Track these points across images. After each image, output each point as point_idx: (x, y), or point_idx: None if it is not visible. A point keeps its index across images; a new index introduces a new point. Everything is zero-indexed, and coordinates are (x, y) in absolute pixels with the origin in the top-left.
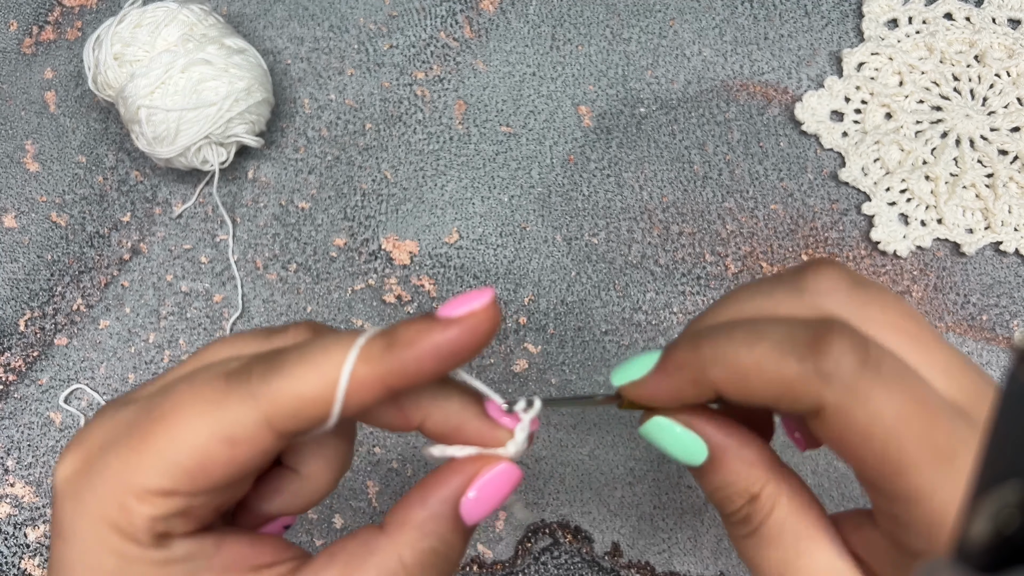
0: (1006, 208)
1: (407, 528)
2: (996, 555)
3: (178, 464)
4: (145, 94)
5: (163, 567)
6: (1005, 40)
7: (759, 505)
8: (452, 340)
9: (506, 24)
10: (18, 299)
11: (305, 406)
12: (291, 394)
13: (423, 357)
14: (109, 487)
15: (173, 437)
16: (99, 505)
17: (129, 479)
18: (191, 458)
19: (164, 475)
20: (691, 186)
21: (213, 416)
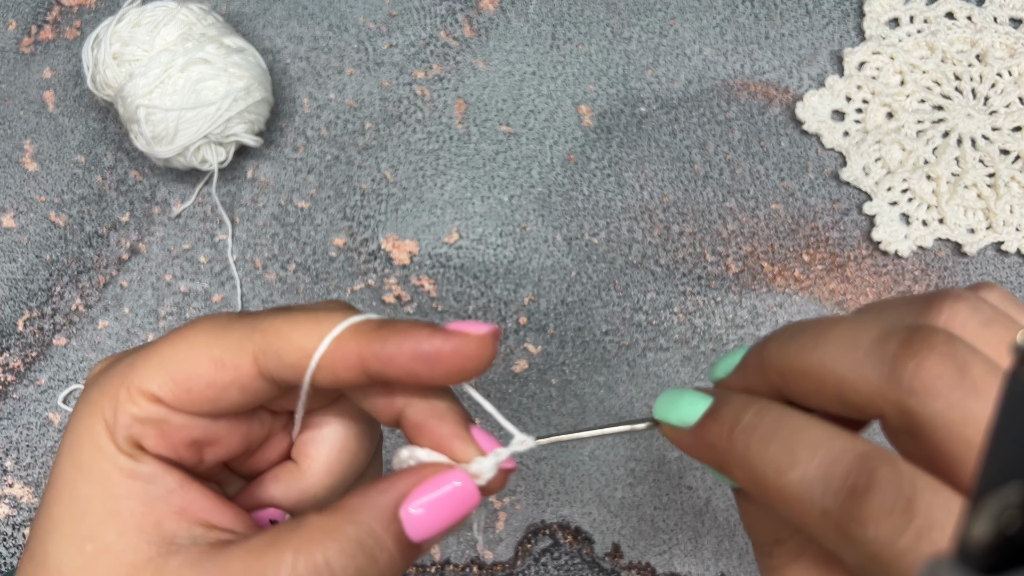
0: (1008, 208)
1: (339, 512)
2: (997, 556)
3: (168, 371)
4: (144, 93)
5: (125, 477)
6: (1007, 39)
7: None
8: (436, 347)
9: (506, 23)
10: (16, 299)
11: (289, 351)
12: (280, 336)
13: (403, 350)
14: (111, 381)
15: (175, 347)
16: (100, 397)
17: (129, 376)
18: (181, 369)
19: (154, 379)
20: (692, 186)
21: (211, 338)
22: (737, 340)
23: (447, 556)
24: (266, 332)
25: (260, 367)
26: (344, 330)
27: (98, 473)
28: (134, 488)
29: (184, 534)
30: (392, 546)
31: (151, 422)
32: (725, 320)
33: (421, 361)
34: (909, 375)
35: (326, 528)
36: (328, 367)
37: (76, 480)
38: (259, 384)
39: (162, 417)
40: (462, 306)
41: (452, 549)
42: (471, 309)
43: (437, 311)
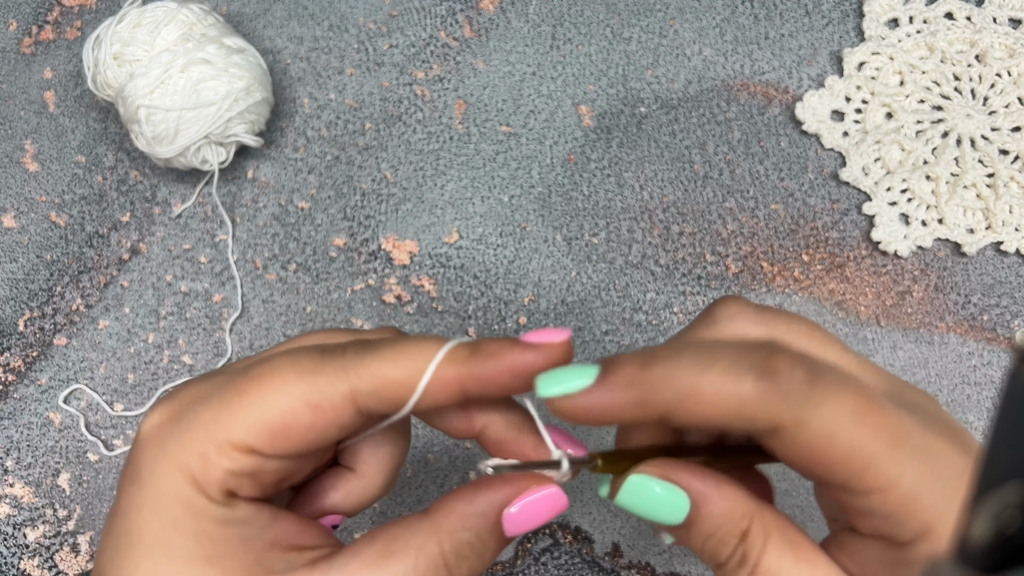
0: (1007, 208)
1: (452, 517)
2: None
3: (264, 422)
4: (144, 94)
5: (223, 525)
6: (1006, 40)
7: (751, 540)
8: (528, 361)
9: (506, 23)
10: (17, 299)
11: (389, 387)
12: (379, 374)
13: (501, 369)
14: (194, 436)
15: (264, 395)
16: (181, 453)
17: (215, 430)
18: (277, 417)
19: (249, 431)
20: (692, 186)
21: (305, 382)
22: None
23: None
24: (361, 374)
25: (358, 406)
26: (443, 359)
27: (193, 528)
28: (231, 533)
29: (280, 563)
30: (495, 546)
31: (247, 474)
32: None
33: (517, 376)
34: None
35: (440, 532)
36: (429, 395)
37: (171, 537)
38: (355, 420)
39: (259, 466)
40: (462, 306)
41: None
42: (471, 309)
43: (437, 311)
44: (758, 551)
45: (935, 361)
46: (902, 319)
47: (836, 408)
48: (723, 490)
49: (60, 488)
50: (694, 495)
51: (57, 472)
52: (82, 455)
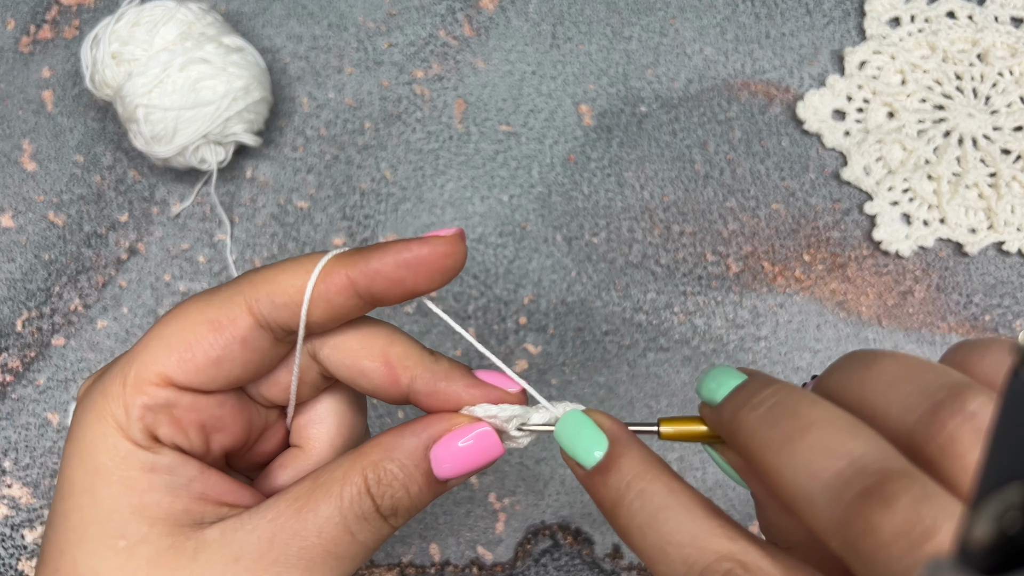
0: (1009, 208)
1: (377, 447)
2: (999, 556)
3: (168, 348)
4: (143, 93)
5: (146, 472)
6: (1008, 39)
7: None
8: (415, 252)
9: (506, 22)
10: (15, 299)
11: (279, 291)
12: (269, 281)
13: (386, 262)
14: (113, 381)
15: (167, 326)
16: (104, 400)
17: (129, 370)
18: (179, 341)
19: (156, 361)
20: (692, 185)
21: (201, 304)
22: (738, 340)
23: (447, 557)
24: (254, 282)
25: (255, 315)
26: (328, 261)
27: (117, 474)
28: (156, 481)
29: (211, 515)
30: (421, 480)
31: (162, 408)
32: (726, 320)
33: (405, 267)
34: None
35: (363, 463)
36: (322, 296)
37: (95, 485)
38: (257, 335)
39: (171, 400)
40: (462, 306)
41: (452, 550)
42: (471, 309)
43: None
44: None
45: None
46: (904, 319)
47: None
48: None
49: None
50: (612, 436)
51: (55, 473)
52: None
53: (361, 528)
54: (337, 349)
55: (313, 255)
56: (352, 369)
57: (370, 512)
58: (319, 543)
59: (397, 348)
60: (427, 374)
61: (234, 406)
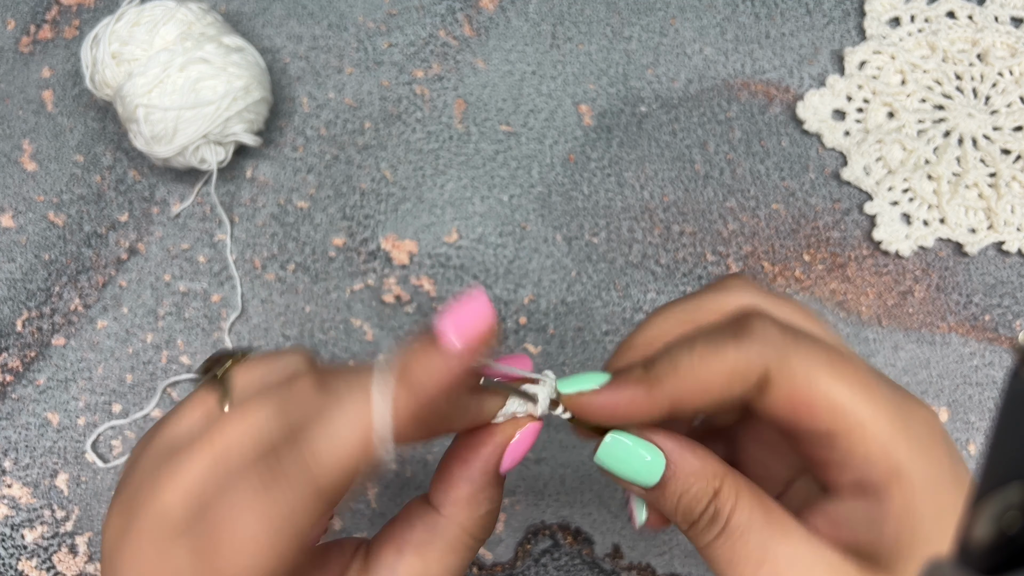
0: (1009, 208)
1: (461, 505)
2: (999, 556)
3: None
4: (143, 93)
5: None
6: (1008, 39)
7: (723, 498)
8: (458, 364)
9: (506, 22)
10: (15, 299)
11: (347, 464)
12: (331, 462)
13: (439, 388)
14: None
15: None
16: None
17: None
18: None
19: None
20: (692, 185)
21: (272, 523)
22: None
23: None
24: (316, 473)
25: (327, 500)
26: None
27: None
28: None
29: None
30: (501, 492)
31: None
32: None
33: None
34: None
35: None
36: (401, 442)
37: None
38: (333, 504)
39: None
40: None
41: None
42: None
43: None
44: (729, 508)
45: (937, 361)
46: (904, 319)
47: (812, 356)
48: (695, 450)
49: (58, 489)
50: (668, 452)
51: (55, 473)
52: (80, 456)
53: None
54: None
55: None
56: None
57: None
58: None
59: None
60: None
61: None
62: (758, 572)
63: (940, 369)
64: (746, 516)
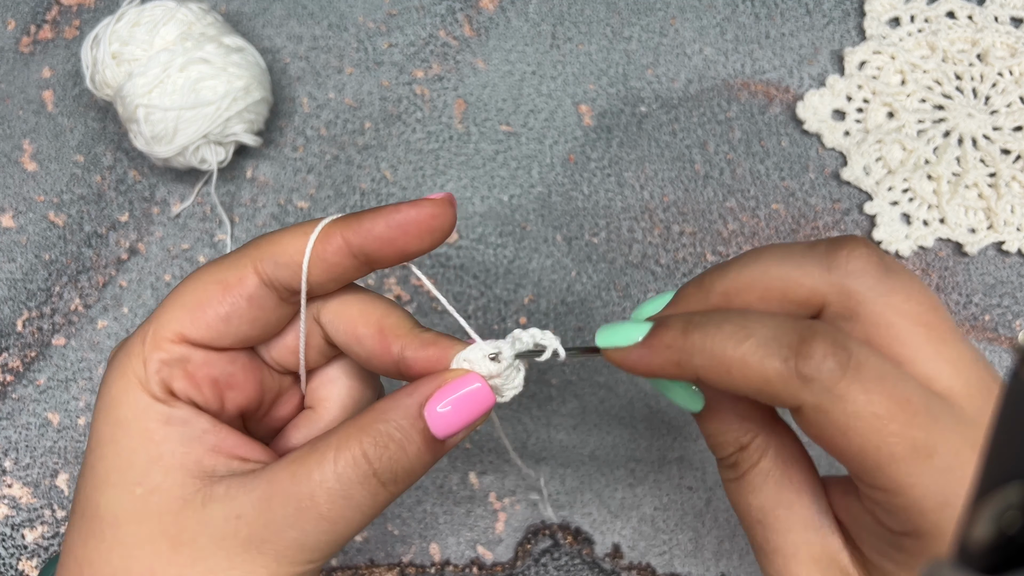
0: (1009, 208)
1: (372, 412)
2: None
3: (183, 307)
4: (143, 93)
5: (163, 424)
6: (1007, 39)
7: (746, 454)
8: (405, 214)
9: (506, 22)
10: (15, 299)
11: (282, 251)
12: (272, 243)
13: (378, 224)
14: (136, 342)
15: (182, 289)
16: (127, 359)
17: (148, 330)
18: (191, 299)
19: (172, 320)
20: (692, 185)
21: (212, 268)
22: None
23: (447, 557)
24: (259, 246)
25: (260, 275)
26: (326, 224)
27: (137, 426)
28: (171, 433)
29: (222, 467)
30: (419, 439)
31: (177, 362)
32: None
33: (396, 228)
34: (844, 261)
35: (359, 426)
36: (320, 256)
37: (117, 436)
38: (263, 293)
39: (185, 355)
40: (462, 306)
41: (452, 550)
42: (471, 309)
43: (437, 311)
44: (748, 465)
45: None
46: None
47: (860, 406)
48: (736, 405)
49: (59, 489)
50: (709, 399)
51: (55, 473)
52: (80, 456)
53: (357, 492)
54: (337, 315)
55: (313, 220)
56: (349, 335)
57: (367, 476)
58: (312, 506)
59: (391, 319)
60: (416, 342)
61: (245, 365)
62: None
63: None
64: (761, 478)
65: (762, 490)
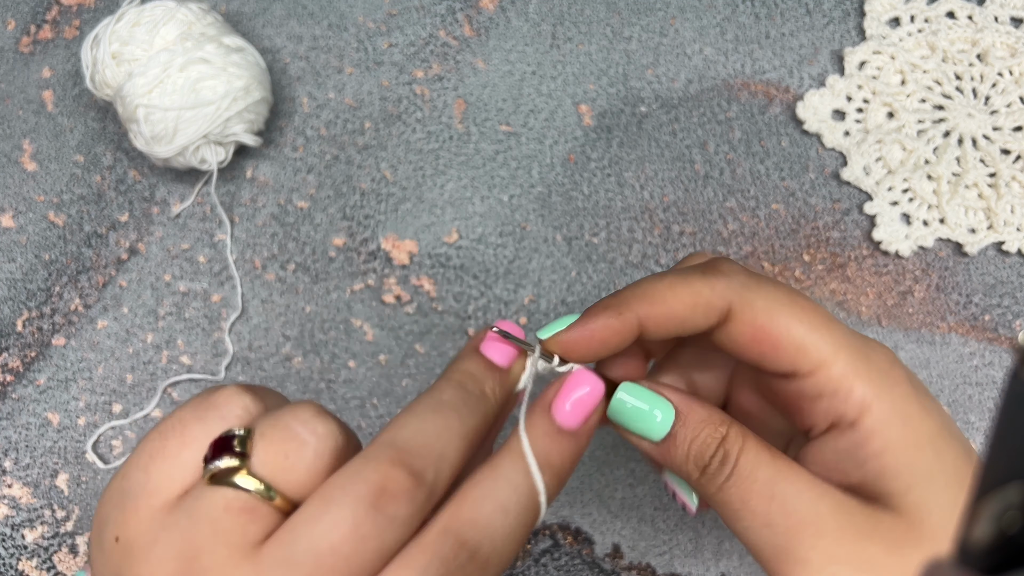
0: (1008, 208)
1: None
2: (999, 556)
3: None
4: (143, 93)
5: None
6: (1007, 39)
7: (731, 441)
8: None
9: (506, 22)
10: (15, 299)
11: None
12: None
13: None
14: None
15: None
16: None
17: None
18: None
19: None
20: (692, 185)
21: None
22: None
23: None
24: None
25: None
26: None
27: None
28: None
29: None
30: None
31: None
32: None
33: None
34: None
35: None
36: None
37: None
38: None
39: None
40: (462, 306)
41: None
42: (471, 309)
43: (437, 311)
44: (737, 451)
45: (936, 361)
46: (903, 319)
47: (774, 294)
48: (701, 401)
49: (58, 489)
50: (677, 402)
51: (55, 473)
52: (80, 455)
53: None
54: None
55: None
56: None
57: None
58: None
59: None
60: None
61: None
62: (769, 509)
63: (940, 369)
64: (752, 457)
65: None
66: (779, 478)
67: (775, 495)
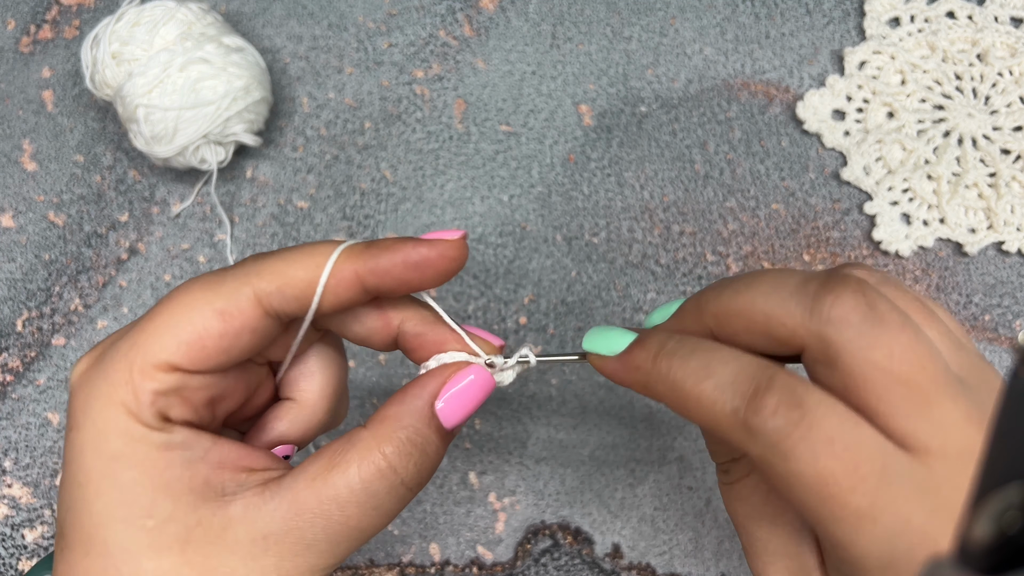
0: (1008, 208)
1: (386, 421)
2: (999, 556)
3: (177, 337)
4: (143, 93)
5: (163, 451)
6: (1007, 39)
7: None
8: (422, 254)
9: (506, 22)
10: (15, 299)
11: (291, 284)
12: (279, 274)
13: (396, 261)
14: (117, 367)
15: (173, 314)
16: (109, 387)
17: (135, 356)
18: (189, 331)
19: (165, 348)
20: (692, 185)
21: (210, 291)
22: None
23: (447, 557)
24: (263, 274)
25: (264, 307)
26: (337, 256)
27: (134, 457)
28: (173, 458)
29: (231, 483)
30: (436, 438)
31: (172, 391)
32: None
33: (412, 269)
34: (827, 308)
35: (378, 437)
36: (331, 291)
37: (115, 470)
38: (265, 323)
39: (181, 383)
40: (461, 306)
41: (452, 550)
42: (471, 309)
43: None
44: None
45: None
46: None
47: (804, 467)
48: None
49: (58, 489)
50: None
51: (55, 472)
52: None
53: (385, 501)
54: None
55: (321, 246)
56: (347, 314)
57: (394, 485)
58: (342, 519)
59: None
60: (416, 317)
61: (237, 375)
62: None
63: None
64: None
65: (749, 501)
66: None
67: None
